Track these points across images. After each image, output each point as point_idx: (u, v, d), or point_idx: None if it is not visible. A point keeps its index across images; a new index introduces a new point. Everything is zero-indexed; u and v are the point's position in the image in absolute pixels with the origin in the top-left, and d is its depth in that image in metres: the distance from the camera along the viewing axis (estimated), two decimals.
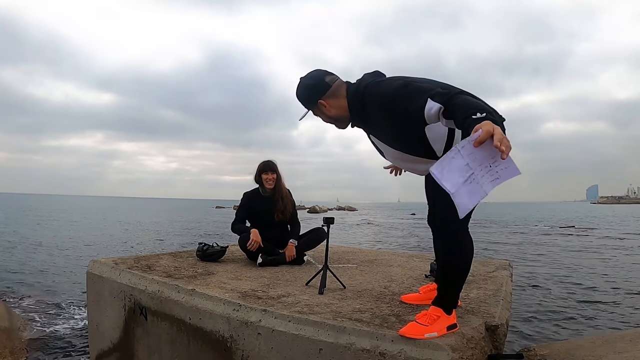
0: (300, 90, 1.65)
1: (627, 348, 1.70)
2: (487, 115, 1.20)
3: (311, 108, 1.65)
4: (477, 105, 1.26)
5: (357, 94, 1.57)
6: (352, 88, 1.60)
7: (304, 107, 1.66)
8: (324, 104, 1.62)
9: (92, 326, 2.53)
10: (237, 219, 3.18)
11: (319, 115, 1.67)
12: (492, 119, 1.18)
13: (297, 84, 1.67)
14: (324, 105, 1.62)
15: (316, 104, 1.62)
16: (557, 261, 8.87)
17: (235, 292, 2.05)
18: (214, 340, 1.83)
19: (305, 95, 1.64)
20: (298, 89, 1.66)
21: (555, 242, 13.42)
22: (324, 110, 1.63)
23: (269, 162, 3.15)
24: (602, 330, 3.94)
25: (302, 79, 1.66)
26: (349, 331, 1.53)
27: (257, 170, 3.15)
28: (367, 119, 1.59)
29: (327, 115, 1.64)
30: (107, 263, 2.52)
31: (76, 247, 11.10)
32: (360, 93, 1.56)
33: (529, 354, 1.80)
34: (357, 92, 1.57)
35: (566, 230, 19.37)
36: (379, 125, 1.57)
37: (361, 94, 1.55)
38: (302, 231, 3.18)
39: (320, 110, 1.64)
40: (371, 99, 1.53)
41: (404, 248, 11.38)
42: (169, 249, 10.00)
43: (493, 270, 2.78)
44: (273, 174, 3.12)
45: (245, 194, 3.22)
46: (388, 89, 1.49)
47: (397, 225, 23.28)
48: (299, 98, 1.67)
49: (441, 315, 1.52)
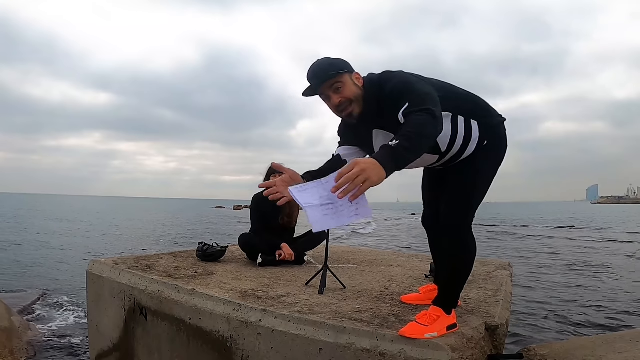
0: (333, 60, 1.52)
1: (627, 348, 1.70)
2: (400, 144, 1.21)
3: (341, 76, 1.50)
4: (407, 132, 1.25)
5: (373, 80, 1.54)
6: (367, 77, 1.57)
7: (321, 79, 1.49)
8: (357, 76, 1.54)
9: (92, 326, 2.53)
10: (257, 226, 3.09)
11: (338, 93, 1.51)
12: (400, 152, 1.20)
13: (321, 59, 1.53)
14: (358, 76, 1.55)
15: (352, 72, 1.53)
16: (557, 261, 8.87)
17: (235, 292, 2.04)
18: (214, 340, 1.83)
19: (341, 62, 1.52)
20: (326, 59, 1.53)
21: (556, 242, 13.42)
22: (355, 82, 1.52)
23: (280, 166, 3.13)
24: (602, 331, 3.94)
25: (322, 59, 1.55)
26: (349, 331, 1.53)
27: (267, 171, 3.12)
28: (381, 110, 1.53)
29: (352, 91, 1.51)
30: (107, 263, 2.51)
31: (76, 247, 11.11)
32: (376, 79, 1.54)
33: (529, 354, 1.80)
34: (373, 79, 1.55)
35: (566, 230, 19.37)
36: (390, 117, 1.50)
37: (377, 80, 1.53)
38: (302, 231, 3.19)
39: (350, 81, 1.52)
40: (387, 83, 1.49)
41: (404, 248, 11.38)
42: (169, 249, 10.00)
43: (493, 270, 2.79)
44: None
45: (255, 198, 3.15)
46: (402, 78, 1.49)
47: (398, 225, 23.28)
48: (329, 66, 1.50)
49: (441, 315, 1.53)
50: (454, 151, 1.58)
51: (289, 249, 2.91)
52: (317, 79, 1.49)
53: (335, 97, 1.51)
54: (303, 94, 1.54)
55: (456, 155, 1.59)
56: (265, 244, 2.94)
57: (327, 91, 1.51)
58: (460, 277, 1.63)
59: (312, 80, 1.51)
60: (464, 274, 1.63)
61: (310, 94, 1.53)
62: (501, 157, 1.65)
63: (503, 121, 1.67)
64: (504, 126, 1.67)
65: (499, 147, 1.64)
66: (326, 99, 1.53)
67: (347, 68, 1.52)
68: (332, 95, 1.51)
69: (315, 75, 1.50)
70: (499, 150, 1.64)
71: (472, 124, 1.56)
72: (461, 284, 1.65)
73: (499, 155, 1.65)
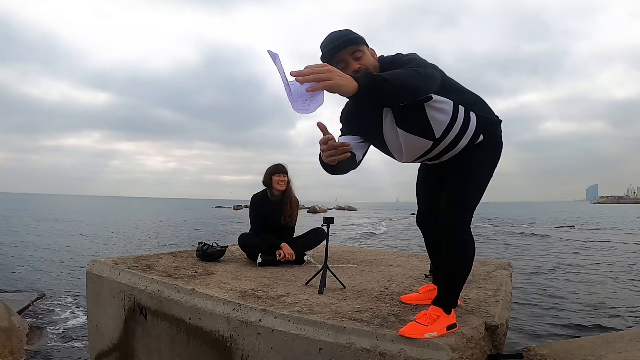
0: (349, 31, 1.51)
1: (627, 348, 1.70)
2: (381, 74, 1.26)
3: (362, 45, 1.50)
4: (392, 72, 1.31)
5: (387, 59, 1.54)
6: (380, 57, 1.56)
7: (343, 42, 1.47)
8: (372, 51, 1.55)
9: (92, 326, 2.53)
10: (258, 227, 3.07)
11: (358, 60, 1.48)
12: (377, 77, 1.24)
13: (339, 30, 1.52)
14: (373, 52, 1.55)
15: (366, 44, 1.52)
16: (558, 261, 8.87)
17: (235, 292, 2.05)
18: (214, 340, 1.83)
19: (357, 35, 1.51)
20: (343, 30, 1.51)
21: (556, 242, 13.42)
22: (369, 55, 1.52)
23: (281, 165, 3.13)
24: (602, 331, 3.94)
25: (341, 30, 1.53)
26: (349, 331, 1.53)
27: (268, 172, 3.12)
28: None
29: (370, 61, 1.50)
30: (107, 263, 2.52)
31: (76, 247, 11.10)
32: (390, 59, 1.53)
33: (529, 354, 1.80)
34: (387, 59, 1.54)
35: (566, 230, 19.37)
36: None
37: (391, 59, 1.52)
38: (302, 231, 3.19)
39: (369, 53, 1.52)
40: (399, 61, 1.48)
41: (404, 248, 11.38)
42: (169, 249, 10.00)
43: (493, 270, 2.79)
44: (285, 176, 3.11)
45: (254, 198, 3.15)
46: (413, 55, 1.50)
47: (398, 225, 23.28)
48: (344, 34, 1.49)
49: (441, 315, 1.53)
50: (448, 140, 1.56)
51: (289, 249, 2.91)
52: (339, 42, 1.47)
53: (355, 64, 1.48)
54: (322, 59, 1.51)
55: (450, 145, 1.58)
56: (265, 244, 2.94)
57: (347, 57, 1.49)
58: (460, 277, 1.63)
59: (332, 43, 1.48)
60: (463, 273, 1.63)
61: (330, 55, 1.49)
62: (498, 155, 1.66)
63: (500, 122, 1.67)
64: (500, 127, 1.67)
65: (496, 145, 1.64)
66: (344, 65, 1.49)
67: (365, 42, 1.53)
68: (352, 61, 1.49)
69: (337, 38, 1.48)
70: (496, 148, 1.64)
71: (471, 116, 1.57)
72: (461, 284, 1.65)
73: (496, 153, 1.65)
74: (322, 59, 1.51)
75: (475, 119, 1.57)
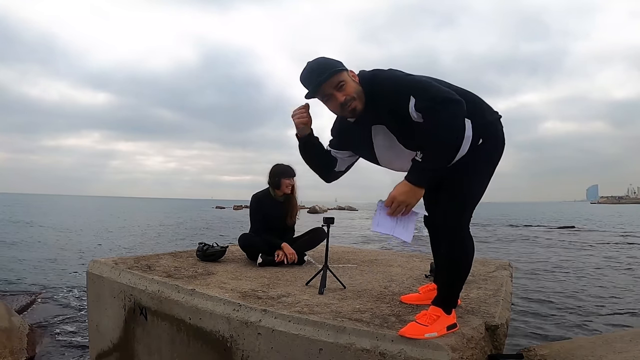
0: (328, 59, 1.51)
1: (627, 348, 1.70)
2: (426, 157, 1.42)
3: (341, 74, 1.49)
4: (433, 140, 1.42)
5: (365, 77, 1.54)
6: (360, 74, 1.56)
7: (325, 77, 1.47)
8: (352, 73, 1.54)
9: (92, 326, 2.53)
10: (258, 226, 3.05)
11: (342, 90, 1.49)
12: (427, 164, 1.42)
13: (314, 60, 1.51)
14: (353, 73, 1.54)
15: (347, 70, 1.52)
16: (558, 261, 8.87)
17: (235, 292, 2.05)
18: (214, 340, 1.83)
19: (337, 61, 1.51)
20: (320, 59, 1.51)
21: (556, 242, 13.42)
22: (351, 80, 1.51)
23: (291, 168, 3.09)
24: (602, 331, 3.94)
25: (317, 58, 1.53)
26: (349, 331, 1.53)
27: (276, 172, 3.06)
28: (376, 105, 1.53)
29: (353, 87, 1.50)
30: (107, 263, 2.52)
31: (76, 247, 11.10)
32: (369, 75, 1.54)
33: (529, 354, 1.80)
34: (366, 76, 1.54)
35: (566, 230, 19.36)
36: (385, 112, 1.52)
37: (370, 76, 1.53)
38: (302, 231, 3.19)
39: (349, 78, 1.51)
40: (376, 79, 1.50)
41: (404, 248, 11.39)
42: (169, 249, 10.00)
43: (493, 270, 2.79)
44: (293, 180, 3.10)
45: (255, 197, 3.12)
46: (390, 73, 1.53)
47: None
48: (328, 65, 1.49)
49: (441, 315, 1.53)
50: None
51: (289, 249, 2.92)
52: (320, 77, 1.47)
53: (339, 95, 1.49)
54: (306, 96, 1.53)
55: None
56: (265, 244, 2.93)
57: (330, 90, 1.50)
58: (459, 277, 1.63)
59: (313, 80, 1.49)
60: (462, 274, 1.63)
61: (313, 94, 1.51)
62: (497, 156, 1.63)
63: (499, 118, 1.64)
64: (500, 123, 1.64)
65: (495, 145, 1.62)
66: (328, 98, 1.52)
67: (343, 66, 1.52)
68: (336, 93, 1.50)
69: (318, 74, 1.48)
70: (495, 149, 1.62)
71: (466, 123, 1.52)
72: (460, 284, 1.65)
73: (495, 154, 1.62)
74: (306, 96, 1.52)
75: (471, 125, 1.52)
